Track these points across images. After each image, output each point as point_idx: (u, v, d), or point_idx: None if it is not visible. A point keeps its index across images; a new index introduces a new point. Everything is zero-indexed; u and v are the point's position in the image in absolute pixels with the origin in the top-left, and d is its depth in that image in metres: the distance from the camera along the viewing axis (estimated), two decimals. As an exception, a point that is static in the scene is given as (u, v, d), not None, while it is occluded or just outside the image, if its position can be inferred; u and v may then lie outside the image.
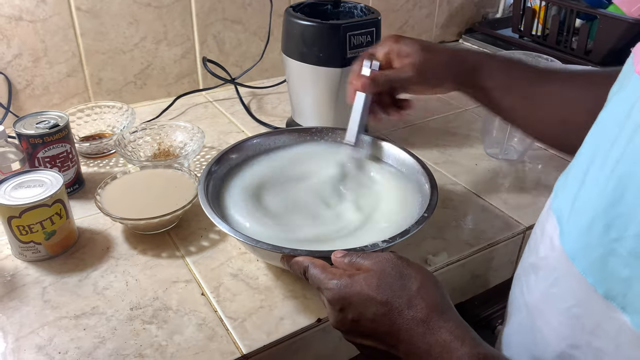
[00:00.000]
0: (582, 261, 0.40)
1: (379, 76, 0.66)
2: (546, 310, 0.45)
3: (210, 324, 0.58)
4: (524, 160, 0.91)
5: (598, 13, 1.14)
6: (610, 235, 0.37)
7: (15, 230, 0.63)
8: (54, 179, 0.65)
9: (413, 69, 0.64)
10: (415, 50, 0.65)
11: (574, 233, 0.41)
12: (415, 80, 0.65)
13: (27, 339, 0.56)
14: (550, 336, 0.44)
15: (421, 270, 0.47)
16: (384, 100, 0.70)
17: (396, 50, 0.66)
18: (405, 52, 0.65)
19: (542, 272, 0.46)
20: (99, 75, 1.00)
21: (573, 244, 0.41)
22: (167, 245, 0.69)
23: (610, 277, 0.37)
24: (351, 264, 0.50)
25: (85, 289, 0.62)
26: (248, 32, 1.11)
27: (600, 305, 0.38)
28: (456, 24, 1.45)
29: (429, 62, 0.65)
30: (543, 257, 0.46)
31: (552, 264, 0.44)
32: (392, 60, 0.67)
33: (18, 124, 0.73)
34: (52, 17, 0.91)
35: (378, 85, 0.66)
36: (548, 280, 0.45)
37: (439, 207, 0.63)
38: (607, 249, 0.37)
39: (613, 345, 0.38)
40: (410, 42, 0.66)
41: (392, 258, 0.48)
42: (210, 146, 0.92)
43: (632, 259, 0.35)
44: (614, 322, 0.38)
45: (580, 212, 0.41)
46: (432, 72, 0.66)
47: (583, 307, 0.40)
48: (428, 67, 0.65)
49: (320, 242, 0.60)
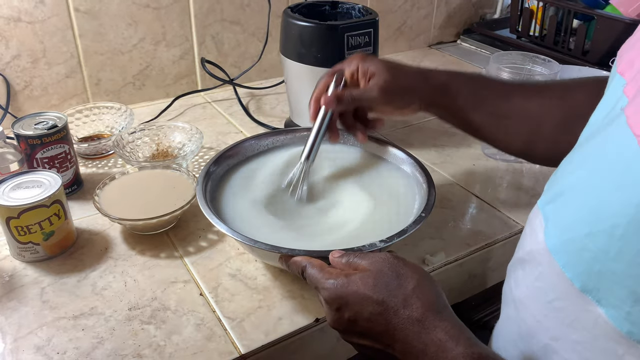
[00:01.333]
0: (562, 256, 0.40)
1: (345, 95, 0.65)
2: (531, 303, 0.45)
3: (209, 324, 0.58)
4: (522, 161, 0.91)
5: (595, 14, 1.14)
6: (584, 230, 0.38)
7: (13, 230, 0.63)
8: (53, 180, 0.65)
9: (378, 90, 0.64)
10: (380, 71, 0.64)
11: (557, 229, 0.42)
12: (380, 101, 0.65)
13: (26, 340, 0.56)
14: (535, 329, 0.45)
15: (418, 270, 0.48)
16: (348, 119, 0.69)
17: (362, 70, 0.66)
18: (371, 72, 0.65)
19: (528, 267, 0.47)
20: (98, 76, 1.00)
21: (555, 239, 0.42)
22: (166, 245, 0.69)
23: (585, 271, 0.38)
24: (348, 264, 0.50)
25: (83, 289, 0.62)
26: (246, 33, 1.12)
27: (578, 299, 0.39)
28: (454, 24, 1.45)
29: (394, 83, 0.64)
30: (529, 252, 0.47)
31: (537, 258, 0.45)
32: (358, 79, 0.66)
33: (16, 125, 0.73)
34: (51, 18, 0.91)
35: (342, 103, 0.65)
36: (533, 275, 0.45)
37: (436, 207, 0.63)
38: (581, 244, 0.38)
39: (590, 337, 0.39)
40: (377, 62, 0.65)
41: (388, 258, 0.48)
42: (208, 147, 0.92)
43: (601, 255, 0.36)
44: (590, 315, 0.38)
45: (563, 208, 0.42)
46: (397, 93, 0.65)
47: (563, 301, 0.41)
48: (393, 88, 0.64)
49: (317, 241, 0.60)
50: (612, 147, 0.37)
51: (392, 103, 0.66)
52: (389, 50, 1.36)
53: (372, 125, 0.70)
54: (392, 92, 0.65)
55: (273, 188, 0.69)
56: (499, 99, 0.65)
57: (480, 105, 0.66)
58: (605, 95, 0.44)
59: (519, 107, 0.65)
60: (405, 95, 0.66)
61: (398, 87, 0.65)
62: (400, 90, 0.65)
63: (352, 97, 0.65)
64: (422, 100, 0.66)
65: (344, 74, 0.67)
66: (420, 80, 0.66)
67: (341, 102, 0.65)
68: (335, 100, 0.65)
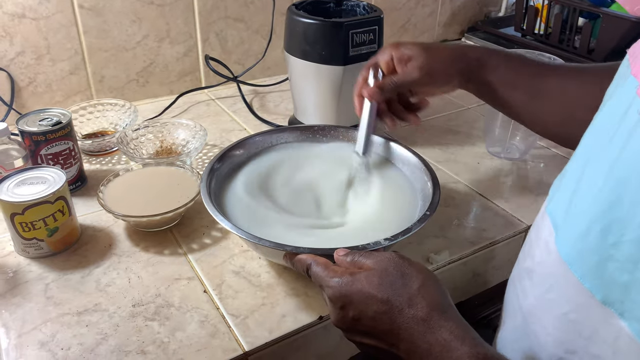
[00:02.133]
0: (579, 267, 0.39)
1: (386, 83, 0.66)
2: (542, 315, 0.44)
3: (213, 321, 0.58)
4: (526, 159, 0.91)
5: (601, 12, 1.14)
6: (608, 241, 0.36)
7: (18, 227, 0.63)
8: (57, 176, 0.66)
9: (419, 71, 0.64)
10: (417, 53, 0.65)
11: (570, 238, 0.41)
12: (422, 82, 0.65)
13: (30, 335, 0.56)
14: (546, 341, 0.44)
15: (422, 270, 0.47)
16: (396, 107, 0.70)
17: (397, 56, 0.66)
18: (407, 56, 0.65)
19: (537, 277, 0.46)
20: (102, 73, 1.00)
21: (569, 249, 0.41)
22: (170, 242, 0.69)
23: (608, 282, 0.37)
24: (353, 263, 0.50)
25: (87, 285, 0.62)
26: (250, 30, 1.11)
27: (598, 311, 0.38)
28: (458, 22, 1.45)
29: (433, 61, 0.65)
30: (539, 262, 0.46)
31: (548, 269, 0.44)
32: (395, 66, 0.67)
33: (21, 121, 0.73)
34: (55, 14, 0.91)
35: (386, 91, 0.66)
36: (544, 286, 0.44)
37: (441, 206, 0.63)
38: (605, 255, 0.37)
39: (610, 351, 0.38)
40: (411, 46, 0.66)
41: (393, 257, 0.48)
42: (212, 144, 0.92)
43: (630, 265, 0.35)
44: (611, 328, 0.37)
45: (576, 216, 0.41)
46: (437, 71, 0.66)
47: (580, 313, 0.40)
48: (433, 66, 0.65)
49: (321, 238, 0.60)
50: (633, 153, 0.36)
51: (433, 82, 0.67)
52: (393, 48, 1.35)
53: (418, 107, 0.71)
54: (431, 71, 0.65)
55: (277, 185, 0.69)
56: (537, 78, 0.64)
57: (517, 83, 0.65)
58: (615, 97, 0.43)
59: (556, 87, 0.63)
60: (445, 73, 0.66)
61: (437, 66, 0.65)
62: (440, 68, 0.65)
63: (394, 83, 0.65)
64: (461, 76, 0.66)
65: (380, 64, 0.67)
66: (457, 55, 0.66)
67: (384, 90, 0.66)
68: (378, 90, 0.65)
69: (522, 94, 0.65)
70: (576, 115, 0.62)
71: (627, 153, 0.36)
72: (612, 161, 0.38)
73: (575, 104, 0.62)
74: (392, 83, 0.66)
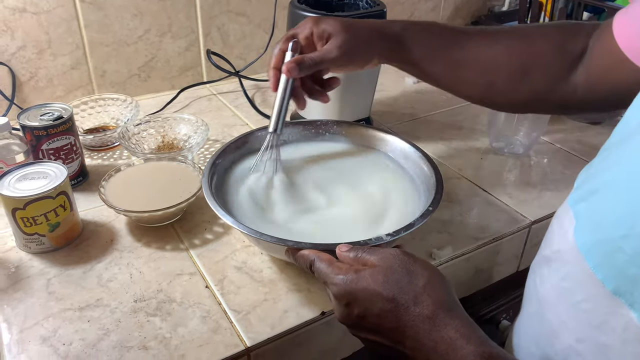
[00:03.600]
0: (593, 257, 0.39)
1: (305, 60, 0.63)
2: (556, 303, 0.45)
3: (214, 317, 0.58)
4: (530, 155, 0.90)
5: (605, 6, 1.13)
6: (619, 232, 0.37)
7: (19, 222, 0.63)
8: (58, 171, 0.65)
9: (337, 50, 0.63)
10: (337, 30, 0.63)
11: (588, 228, 0.41)
12: (341, 61, 0.64)
13: (32, 330, 0.56)
14: (559, 329, 0.44)
15: (428, 267, 0.47)
16: (308, 84, 0.68)
17: (317, 33, 0.64)
18: (327, 33, 0.64)
19: (554, 265, 0.46)
20: (103, 68, 1.00)
21: (586, 238, 0.41)
22: (171, 237, 0.69)
23: (619, 274, 0.37)
24: (357, 259, 0.49)
25: (89, 281, 0.62)
26: (252, 24, 1.11)
27: (608, 301, 0.38)
28: (462, 16, 1.44)
29: (353, 40, 0.63)
30: (557, 250, 0.46)
31: (565, 257, 0.44)
32: (314, 42, 0.65)
33: (22, 116, 0.73)
34: (56, 8, 0.91)
35: (304, 69, 0.63)
36: (560, 274, 0.44)
37: (444, 201, 0.63)
38: (615, 246, 0.37)
39: (619, 341, 0.38)
40: (332, 22, 0.64)
41: (398, 254, 0.47)
42: (214, 139, 0.92)
43: (638, 258, 0.35)
44: (621, 319, 0.37)
45: (596, 207, 0.41)
46: (356, 51, 0.64)
47: (591, 302, 0.40)
48: (352, 46, 0.63)
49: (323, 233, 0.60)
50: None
51: (352, 62, 0.66)
52: (396, 42, 1.35)
53: (329, 84, 0.69)
54: (351, 51, 0.64)
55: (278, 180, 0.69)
56: (454, 49, 0.65)
57: (435, 55, 0.66)
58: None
59: (474, 55, 0.64)
60: (364, 52, 0.65)
61: (356, 45, 0.64)
62: (359, 48, 0.64)
63: (313, 61, 0.63)
64: (381, 56, 0.66)
65: (299, 39, 0.66)
66: (376, 35, 0.65)
67: (302, 68, 0.63)
68: (296, 67, 0.62)
69: (442, 67, 0.66)
70: (497, 81, 0.65)
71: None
72: (633, 155, 0.38)
73: (495, 70, 0.64)
74: (311, 60, 0.63)
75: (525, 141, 0.89)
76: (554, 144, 0.93)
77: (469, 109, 1.04)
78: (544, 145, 0.93)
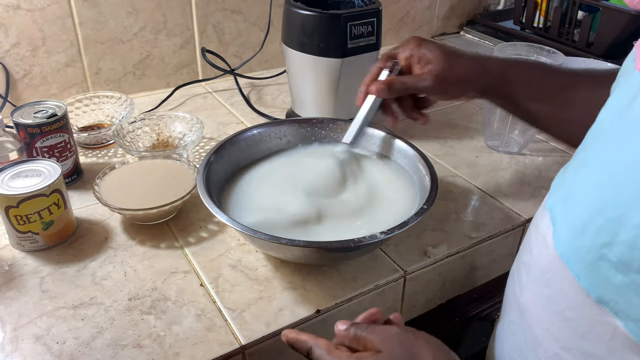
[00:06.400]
0: (575, 264, 0.38)
1: (396, 83, 0.63)
2: (538, 311, 0.44)
3: (209, 315, 0.58)
4: (525, 153, 0.90)
5: (600, 5, 1.13)
6: (601, 239, 0.36)
7: (12, 220, 0.63)
8: (52, 169, 0.65)
9: (433, 79, 0.61)
10: (437, 59, 0.62)
11: (567, 234, 0.40)
12: (433, 91, 0.63)
13: (25, 329, 0.55)
14: (542, 337, 0.43)
15: (431, 343, 0.45)
16: (406, 103, 0.67)
17: (417, 55, 0.63)
18: (426, 59, 0.62)
19: (533, 272, 0.45)
20: (98, 65, 0.99)
21: (566, 245, 0.40)
22: (166, 235, 0.69)
23: (603, 282, 0.36)
24: (356, 339, 0.46)
25: (83, 279, 0.62)
26: (248, 22, 1.11)
27: (593, 309, 0.37)
28: (457, 15, 1.44)
29: (450, 72, 0.62)
30: (536, 256, 0.45)
31: (545, 264, 0.43)
32: (412, 65, 0.64)
33: (16, 114, 0.72)
34: (50, 5, 0.90)
35: (393, 92, 0.63)
36: (540, 281, 0.43)
37: (438, 199, 0.63)
38: (598, 254, 0.36)
39: (606, 350, 0.38)
40: (434, 48, 0.63)
41: (399, 334, 0.45)
42: (209, 137, 0.91)
43: (622, 266, 0.34)
44: (606, 327, 0.37)
45: (573, 213, 0.40)
46: (453, 84, 0.63)
47: (575, 311, 0.39)
48: (449, 78, 0.62)
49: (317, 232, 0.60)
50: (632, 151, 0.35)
51: (446, 92, 0.64)
52: (392, 40, 1.34)
53: (424, 104, 0.68)
54: (446, 82, 0.62)
55: (274, 179, 0.69)
56: (563, 90, 0.61)
57: (542, 96, 0.62)
58: (618, 91, 0.42)
59: (583, 98, 0.60)
60: (461, 85, 0.63)
61: (454, 77, 0.62)
62: (456, 80, 0.63)
63: (404, 85, 0.63)
64: (478, 90, 0.64)
65: (400, 59, 0.65)
66: (477, 70, 0.63)
67: (392, 90, 0.63)
68: (386, 89, 0.63)
69: (547, 107, 0.62)
70: None
71: (627, 151, 0.35)
72: (610, 158, 0.37)
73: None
74: (402, 85, 0.63)
75: (520, 140, 0.89)
76: (549, 143, 0.93)
77: (464, 108, 1.04)
78: (539, 143, 0.93)
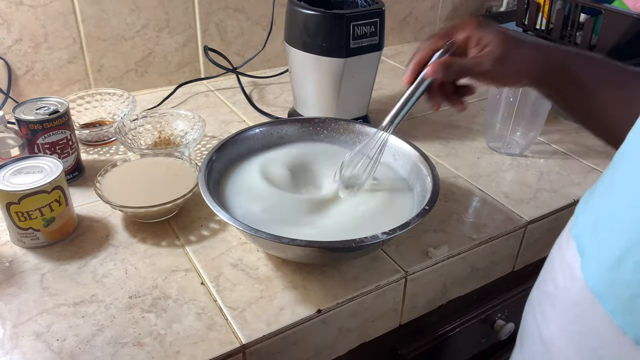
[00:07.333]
0: (610, 300, 0.36)
1: (454, 64, 0.57)
2: (565, 347, 0.41)
3: (210, 314, 0.57)
4: (527, 155, 0.90)
5: (603, 8, 1.13)
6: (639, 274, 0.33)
7: (14, 216, 0.63)
8: (54, 166, 0.65)
9: (492, 63, 0.57)
10: (497, 42, 0.57)
11: (600, 267, 0.37)
12: (491, 75, 0.58)
13: (25, 326, 0.55)
14: None
15: None
16: (448, 89, 0.62)
17: (476, 38, 0.58)
18: (485, 42, 0.57)
19: (560, 304, 0.42)
20: (100, 62, 0.99)
21: (598, 279, 0.37)
22: (167, 233, 0.69)
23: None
24: None
25: (84, 276, 0.62)
26: (250, 20, 1.10)
27: (629, 349, 0.35)
28: (460, 16, 1.44)
29: (511, 57, 0.57)
30: (562, 288, 0.42)
31: (573, 297, 0.40)
32: (469, 47, 0.59)
33: (18, 110, 0.72)
34: (53, 2, 0.90)
35: (451, 73, 0.58)
36: (568, 315, 0.40)
37: (440, 200, 0.63)
38: (636, 290, 0.33)
39: None
40: (493, 31, 0.58)
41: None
42: (211, 135, 0.91)
43: None
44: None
45: (606, 243, 0.37)
46: (511, 68, 0.58)
47: (609, 350, 0.36)
48: (508, 63, 0.57)
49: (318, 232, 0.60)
50: None
51: (504, 78, 0.59)
52: (394, 40, 1.35)
53: (465, 92, 0.63)
54: (505, 67, 0.57)
55: (276, 178, 0.69)
56: (619, 88, 0.57)
57: (596, 93, 0.57)
58: None
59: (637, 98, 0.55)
60: (518, 73, 0.59)
61: (512, 63, 0.58)
62: (515, 66, 0.58)
63: (462, 67, 0.57)
64: (534, 80, 0.60)
65: (457, 40, 0.59)
66: (539, 59, 0.58)
67: (449, 73, 0.57)
68: (443, 70, 0.57)
69: (600, 104, 0.58)
70: None
71: None
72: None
73: None
74: (460, 67, 0.57)
75: (522, 141, 0.89)
76: (551, 145, 0.93)
77: (467, 109, 1.04)
78: (541, 145, 0.93)
